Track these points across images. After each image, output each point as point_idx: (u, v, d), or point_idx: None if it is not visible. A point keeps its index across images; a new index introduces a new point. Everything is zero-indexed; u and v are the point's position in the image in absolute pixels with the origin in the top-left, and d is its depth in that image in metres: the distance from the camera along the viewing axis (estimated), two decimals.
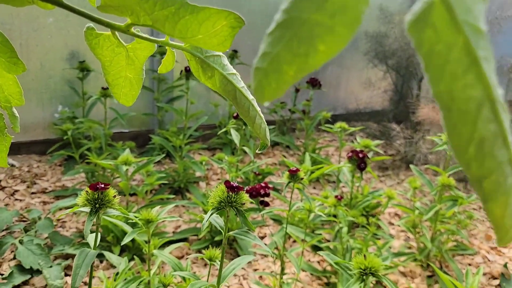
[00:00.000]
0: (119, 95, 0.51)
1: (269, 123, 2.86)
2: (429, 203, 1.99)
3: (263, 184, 1.35)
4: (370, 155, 2.00)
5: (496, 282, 1.66)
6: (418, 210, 1.66)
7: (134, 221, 1.06)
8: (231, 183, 0.76)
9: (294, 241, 1.85)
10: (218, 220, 0.79)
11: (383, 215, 2.14)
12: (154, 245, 1.18)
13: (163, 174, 1.87)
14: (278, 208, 1.38)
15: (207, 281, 0.97)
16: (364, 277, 0.87)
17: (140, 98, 2.48)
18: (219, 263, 0.90)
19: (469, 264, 1.76)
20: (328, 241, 1.84)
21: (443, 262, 1.73)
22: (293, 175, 1.21)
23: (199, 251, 1.74)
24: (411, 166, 1.75)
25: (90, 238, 0.78)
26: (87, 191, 0.75)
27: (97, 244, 0.78)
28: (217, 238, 1.70)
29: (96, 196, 0.74)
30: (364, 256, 0.89)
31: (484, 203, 0.26)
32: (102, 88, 1.82)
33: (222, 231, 0.78)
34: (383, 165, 2.81)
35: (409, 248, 1.84)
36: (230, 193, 0.75)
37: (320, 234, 1.83)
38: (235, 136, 1.81)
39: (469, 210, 2.13)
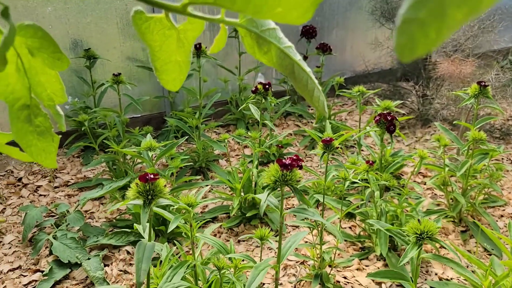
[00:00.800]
0: (167, 81, 0.48)
1: (279, 93, 2.82)
2: (456, 159, 1.97)
3: (294, 157, 1.32)
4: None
5: None
6: (448, 167, 1.64)
7: (174, 207, 1.05)
8: (284, 161, 0.73)
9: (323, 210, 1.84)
10: (272, 200, 0.77)
11: (407, 174, 2.13)
12: (194, 228, 1.17)
13: (183, 156, 1.85)
14: (311, 180, 1.36)
15: (260, 260, 0.96)
16: (421, 241, 0.86)
17: (148, 81, 2.43)
18: (270, 241, 0.88)
19: (502, 216, 1.76)
20: (358, 207, 1.84)
21: (476, 216, 1.73)
22: (328, 145, 1.18)
23: (230, 228, 1.73)
24: (437, 123, 1.72)
25: (145, 230, 0.76)
26: (137, 183, 0.72)
27: (152, 234, 0.76)
28: (248, 214, 1.69)
29: (148, 187, 0.72)
30: (418, 220, 0.88)
31: None
32: (114, 74, 1.77)
33: (277, 210, 0.76)
34: (399, 124, 2.77)
35: (438, 205, 1.84)
36: (285, 171, 0.73)
37: (349, 201, 1.82)
38: (254, 111, 1.77)
39: (495, 162, 2.11)
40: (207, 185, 1.62)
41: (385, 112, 1.47)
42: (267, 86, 1.64)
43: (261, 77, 2.87)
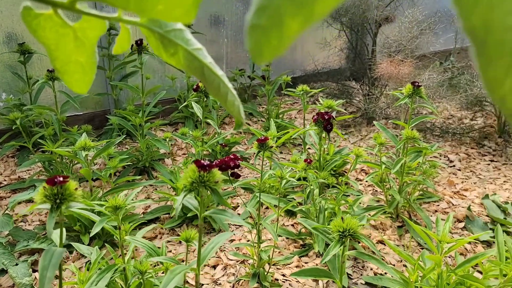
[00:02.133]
0: (71, 83, 0.45)
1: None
2: (393, 157, 2.04)
3: (232, 156, 1.31)
4: (333, 115, 2.01)
5: (462, 224, 1.74)
6: (385, 164, 1.69)
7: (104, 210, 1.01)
8: (202, 161, 0.72)
9: (267, 208, 1.85)
10: (191, 201, 0.76)
11: (350, 173, 2.18)
12: (125, 230, 1.13)
13: (125, 155, 1.80)
14: (249, 179, 1.36)
15: (185, 262, 0.94)
16: (344, 239, 0.87)
17: None
18: (196, 243, 0.87)
19: (436, 211, 1.84)
20: (300, 204, 1.86)
21: (411, 211, 1.79)
22: (262, 144, 1.18)
23: (172, 229, 1.70)
24: (375, 122, 1.77)
25: (55, 236, 0.73)
26: (44, 187, 0.69)
27: (63, 238, 0.73)
28: (190, 215, 1.67)
29: (56, 191, 0.68)
30: (342, 218, 0.89)
31: None
32: (48, 70, 1.69)
33: (197, 212, 0.75)
34: (345, 123, 2.84)
35: (378, 201, 1.89)
36: (202, 173, 0.71)
37: (293, 198, 1.84)
38: (197, 109, 1.75)
39: (431, 159, 2.20)
40: (147, 185, 1.58)
41: (323, 111, 1.49)
42: None
43: None
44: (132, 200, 1.11)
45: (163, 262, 1.05)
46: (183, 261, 1.49)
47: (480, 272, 1.30)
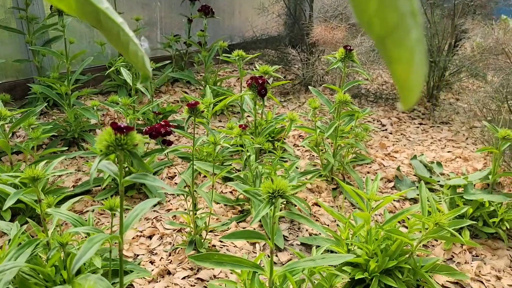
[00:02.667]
0: None
1: (164, 58, 2.69)
2: (329, 122, 2.08)
3: (162, 123, 1.26)
4: (270, 81, 1.99)
5: (391, 184, 1.83)
6: (320, 129, 1.72)
7: (21, 181, 0.94)
8: (118, 124, 0.67)
9: (205, 177, 1.83)
10: (111, 167, 0.72)
11: (289, 138, 2.21)
12: (49, 203, 1.06)
13: (50, 126, 1.68)
14: (181, 145, 1.32)
15: (111, 232, 0.90)
16: (274, 200, 0.87)
17: (9, 43, 2.14)
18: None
19: (368, 172, 1.91)
20: (239, 170, 1.86)
21: (345, 174, 1.85)
22: (193, 109, 1.15)
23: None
24: (310, 88, 1.78)
25: None
26: None
27: None
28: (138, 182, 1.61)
29: None
30: (271, 180, 0.89)
31: (389, 65, 0.25)
32: None
33: (117, 178, 0.71)
34: (284, 90, 2.85)
35: (314, 165, 1.93)
36: (119, 135, 0.67)
37: (230, 165, 1.83)
38: (126, 75, 1.67)
39: (365, 123, 2.27)
40: (74, 157, 1.49)
41: (256, 76, 1.47)
42: None
43: (144, 40, 2.71)
44: (53, 171, 1.04)
45: (90, 233, 1.00)
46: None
47: (407, 227, 1.37)
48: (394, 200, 1.71)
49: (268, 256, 1.40)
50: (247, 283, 1.00)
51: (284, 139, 2.18)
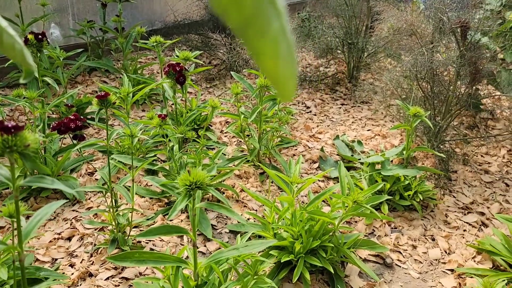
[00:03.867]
0: None
1: (79, 46, 2.52)
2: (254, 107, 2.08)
3: (72, 117, 1.17)
4: (192, 67, 1.94)
5: (316, 165, 1.88)
6: (244, 114, 1.71)
7: None
8: (5, 123, 0.60)
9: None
10: (1, 171, 0.64)
11: (216, 125, 2.18)
12: None
13: None
14: (95, 140, 1.24)
15: (13, 241, 0.83)
16: (192, 192, 0.84)
17: None
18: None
19: (294, 155, 1.94)
20: (165, 161, 1.80)
21: (272, 158, 1.87)
22: (103, 100, 1.07)
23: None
24: (232, 73, 1.76)
25: None
26: None
27: None
28: (34, 186, 1.49)
29: None
30: (188, 171, 0.86)
31: (256, 59, 0.23)
32: None
33: (9, 183, 0.64)
34: (210, 76, 2.80)
35: (242, 151, 1.93)
36: (6, 136, 0.60)
37: (154, 156, 1.77)
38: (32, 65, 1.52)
39: (289, 106, 2.30)
40: None
41: (174, 63, 1.41)
42: (40, 36, 1.41)
43: (55, 27, 2.52)
44: None
45: None
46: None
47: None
48: (319, 181, 1.76)
49: (197, 246, 1.38)
50: (171, 279, 0.97)
51: (210, 126, 2.15)
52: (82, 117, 1.22)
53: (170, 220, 1.52)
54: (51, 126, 1.17)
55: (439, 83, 1.77)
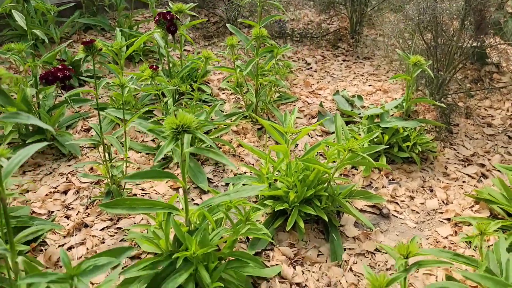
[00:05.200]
0: None
1: (72, 2, 2.45)
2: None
3: (60, 67, 1.14)
4: (188, 21, 1.88)
5: (315, 120, 1.84)
6: (239, 68, 1.67)
7: None
8: None
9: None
10: None
11: (213, 82, 2.13)
12: None
13: None
14: (82, 89, 1.22)
15: None
16: (179, 135, 0.82)
17: None
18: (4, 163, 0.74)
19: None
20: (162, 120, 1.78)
21: (270, 113, 1.84)
22: (88, 47, 1.04)
23: None
24: (228, 25, 1.70)
25: None
26: None
27: None
28: (29, 141, 1.48)
29: None
30: (175, 115, 0.83)
31: None
32: None
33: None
34: (208, 33, 2.73)
35: (240, 108, 1.89)
36: None
37: (151, 112, 1.75)
38: (19, 18, 1.49)
39: (288, 60, 2.25)
40: None
41: (164, 12, 1.36)
42: None
43: None
44: None
45: None
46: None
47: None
48: (317, 135, 1.73)
49: (193, 199, 1.38)
50: (163, 225, 0.96)
51: (208, 83, 2.11)
52: (70, 67, 1.19)
53: (157, 164, 1.51)
54: (39, 76, 1.14)
55: (442, 32, 1.70)
